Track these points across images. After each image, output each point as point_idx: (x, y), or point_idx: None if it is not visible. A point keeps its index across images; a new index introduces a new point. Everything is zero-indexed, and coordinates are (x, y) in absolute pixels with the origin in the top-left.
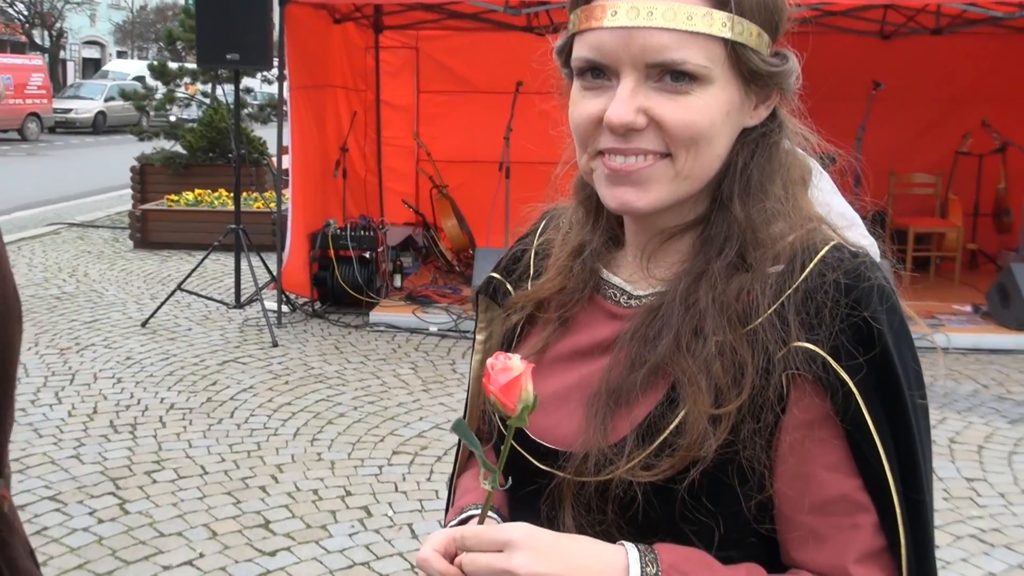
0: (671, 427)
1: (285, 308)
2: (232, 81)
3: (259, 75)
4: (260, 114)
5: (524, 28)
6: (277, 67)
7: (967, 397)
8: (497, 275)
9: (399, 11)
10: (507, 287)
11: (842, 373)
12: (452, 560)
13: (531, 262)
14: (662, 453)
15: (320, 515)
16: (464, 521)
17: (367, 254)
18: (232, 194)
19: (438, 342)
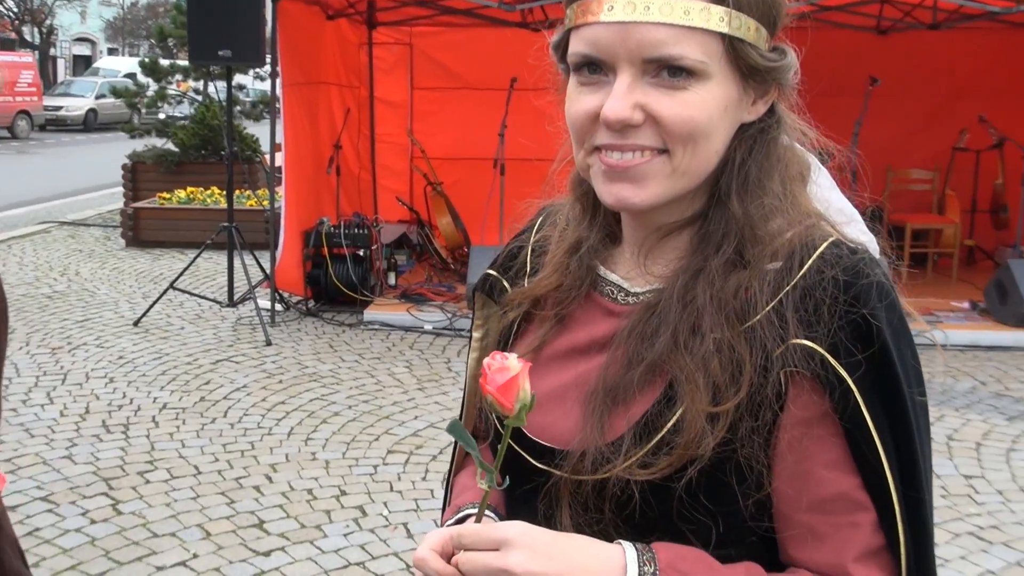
0: (669, 425)
1: (279, 306)
2: (224, 78)
3: (251, 72)
4: (253, 111)
5: (519, 24)
6: (270, 64)
7: (965, 394)
8: (494, 272)
9: (392, 7)
10: (504, 284)
11: (841, 371)
12: (449, 559)
13: (528, 259)
14: (659, 451)
15: (315, 515)
16: (461, 520)
17: (361, 252)
18: (225, 192)
19: (433, 340)
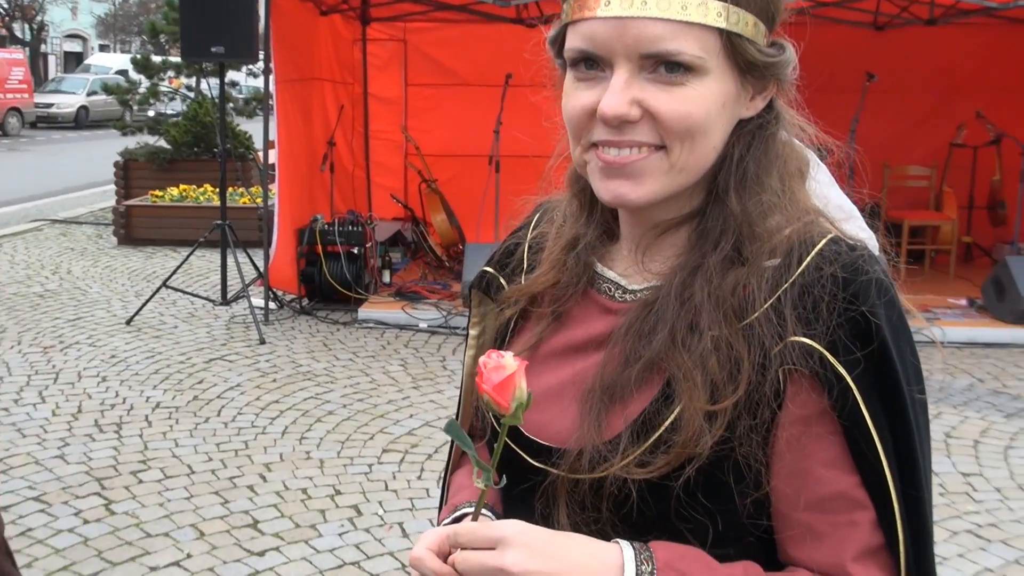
0: (666, 424)
1: (272, 305)
2: (217, 75)
3: (244, 68)
4: (246, 108)
5: (514, 20)
6: (263, 60)
7: (963, 391)
8: (490, 269)
9: (386, 3)
10: (500, 281)
11: (839, 368)
12: (446, 559)
13: (525, 256)
14: (657, 450)
15: (309, 514)
16: (458, 519)
17: (355, 250)
18: (217, 189)
19: (428, 338)
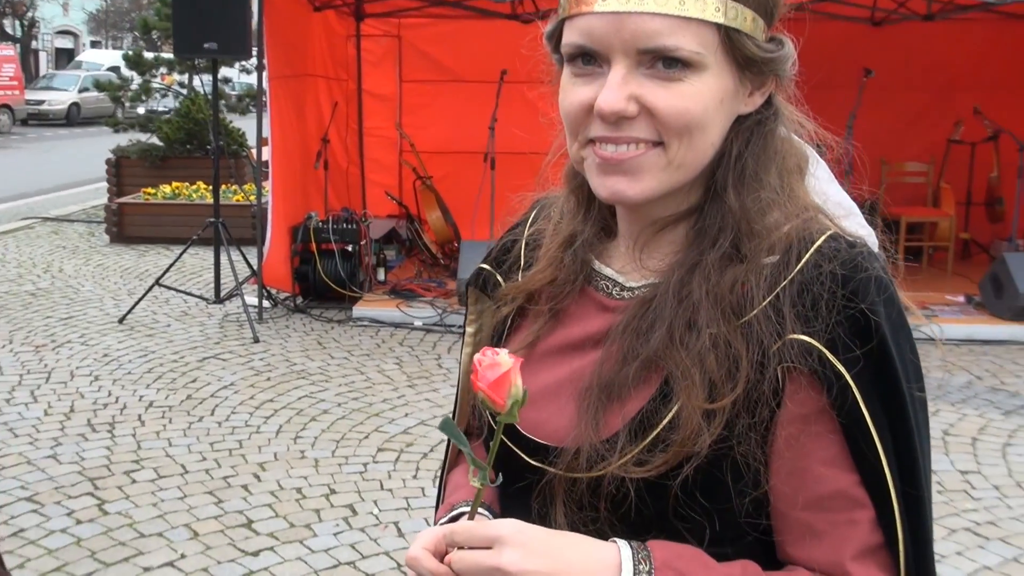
0: (664, 422)
1: (266, 303)
2: (210, 71)
3: (237, 65)
4: (239, 105)
5: (509, 16)
6: (256, 56)
7: (961, 389)
8: (487, 266)
9: None
10: (497, 278)
11: (839, 366)
12: (442, 558)
13: (522, 253)
14: (655, 449)
15: (304, 514)
16: (455, 518)
17: (350, 247)
18: (211, 187)
19: (423, 336)
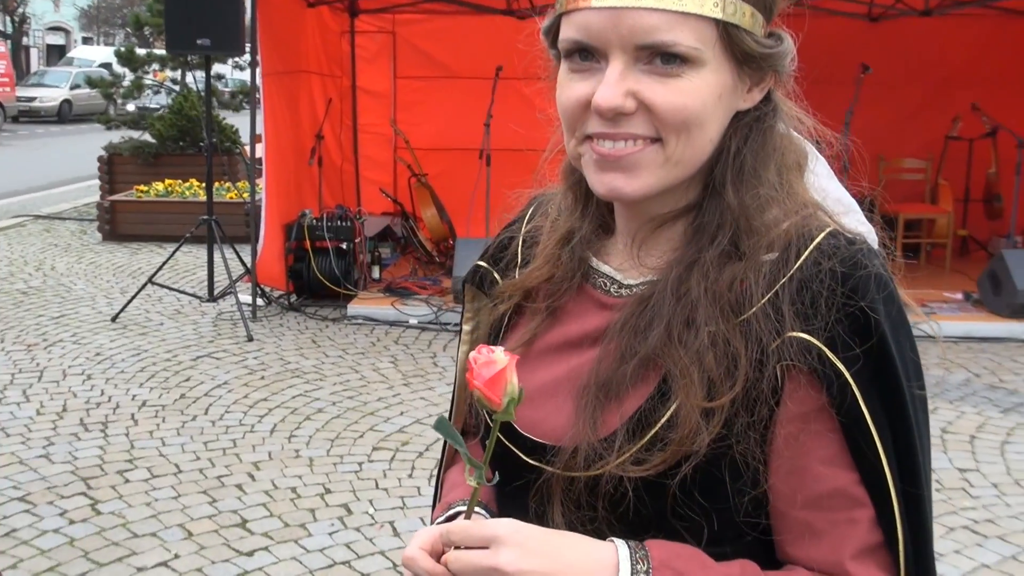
0: (662, 421)
1: (260, 301)
2: (202, 67)
3: (230, 61)
4: (232, 101)
5: (504, 11)
6: (249, 53)
7: (959, 386)
8: (484, 263)
9: None
10: (494, 276)
11: (838, 364)
12: (439, 558)
13: (519, 250)
14: (653, 447)
15: (299, 513)
16: (451, 518)
17: (344, 245)
18: (204, 184)
19: (418, 335)
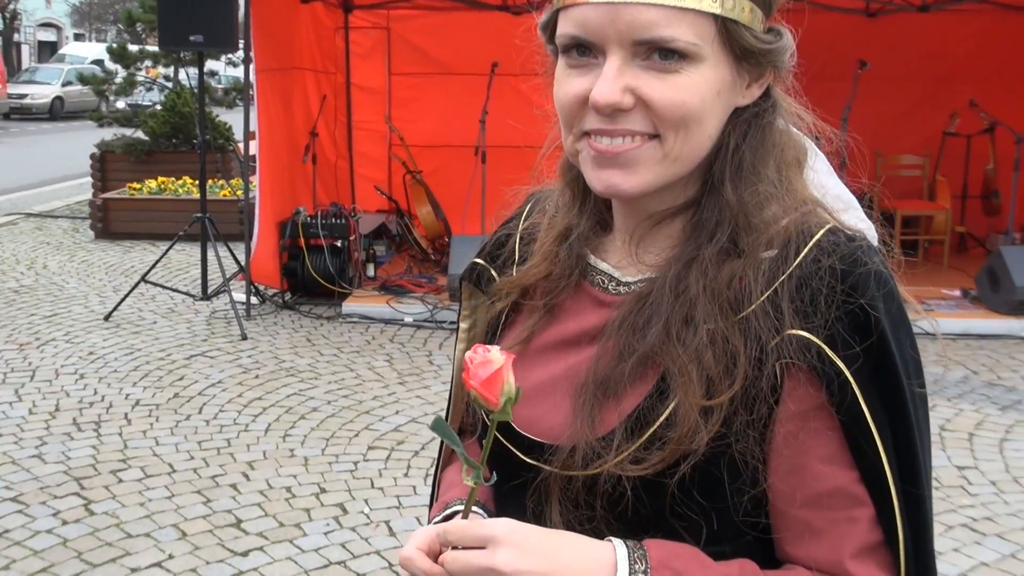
0: (661, 419)
1: (254, 300)
2: (196, 64)
3: (224, 58)
4: (225, 98)
5: (499, 7)
6: (243, 49)
7: (957, 384)
8: (481, 261)
9: None
10: (491, 273)
11: (838, 362)
12: (436, 558)
13: (516, 247)
14: (652, 446)
15: (294, 513)
16: (448, 517)
17: (339, 243)
18: (197, 182)
19: (414, 333)
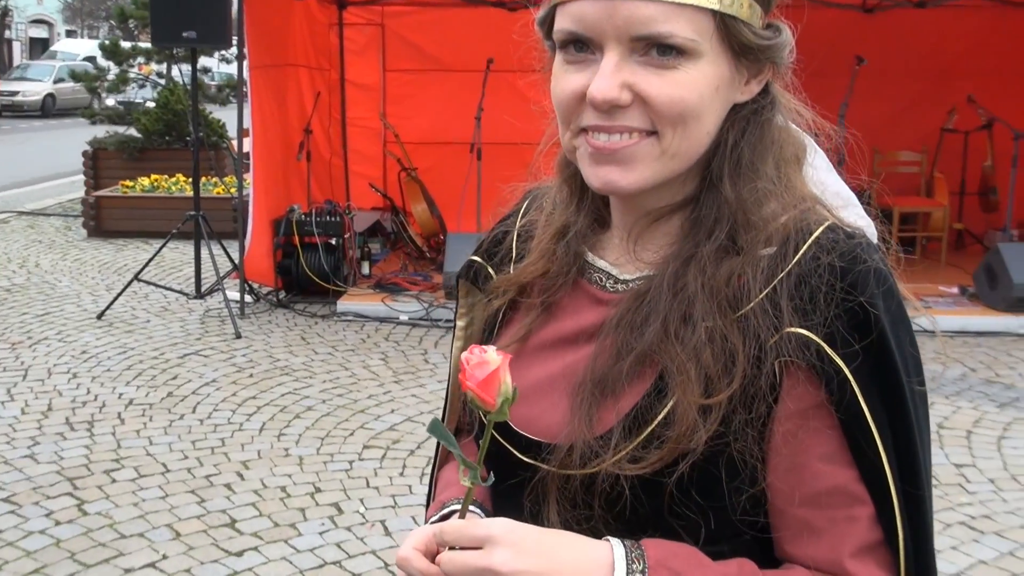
0: (659, 418)
1: (248, 298)
2: (188, 61)
3: (217, 54)
4: (219, 95)
5: (495, 4)
6: (236, 46)
7: (955, 381)
8: (478, 258)
9: None
10: (488, 271)
11: (837, 360)
12: (434, 558)
13: (513, 244)
14: (650, 445)
15: (288, 513)
16: (445, 517)
17: (333, 240)
18: (190, 179)
19: (409, 331)
